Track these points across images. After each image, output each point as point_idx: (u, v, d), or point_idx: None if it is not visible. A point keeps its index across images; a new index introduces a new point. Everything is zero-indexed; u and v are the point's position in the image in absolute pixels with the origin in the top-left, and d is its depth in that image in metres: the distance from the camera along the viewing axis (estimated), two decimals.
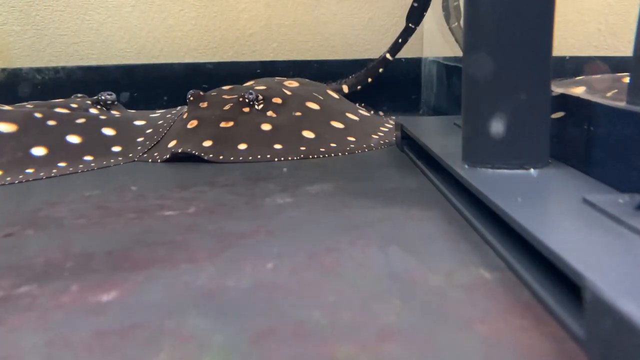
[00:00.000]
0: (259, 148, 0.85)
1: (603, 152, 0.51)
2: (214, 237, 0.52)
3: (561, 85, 0.67)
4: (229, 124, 0.88)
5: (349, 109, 1.03)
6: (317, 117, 0.93)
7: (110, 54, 1.31)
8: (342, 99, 1.08)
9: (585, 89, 0.63)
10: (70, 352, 0.34)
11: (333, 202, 0.62)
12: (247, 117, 0.90)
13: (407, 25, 1.13)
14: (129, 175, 0.77)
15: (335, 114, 0.96)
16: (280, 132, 0.88)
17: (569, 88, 0.64)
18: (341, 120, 0.95)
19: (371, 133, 0.94)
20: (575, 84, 0.67)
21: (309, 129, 0.90)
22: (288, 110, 0.93)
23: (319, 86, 1.10)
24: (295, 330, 0.35)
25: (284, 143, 0.86)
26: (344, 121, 0.95)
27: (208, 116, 0.91)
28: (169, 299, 0.40)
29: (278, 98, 0.95)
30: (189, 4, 1.31)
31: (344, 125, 0.94)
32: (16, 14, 1.29)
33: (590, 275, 0.31)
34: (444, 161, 0.62)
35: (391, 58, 1.17)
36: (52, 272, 0.46)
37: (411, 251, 0.47)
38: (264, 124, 0.89)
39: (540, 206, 0.46)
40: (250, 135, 0.87)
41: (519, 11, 0.54)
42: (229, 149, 0.84)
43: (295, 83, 1.06)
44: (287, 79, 1.09)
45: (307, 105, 0.96)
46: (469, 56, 0.58)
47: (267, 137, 0.87)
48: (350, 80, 1.18)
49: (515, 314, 0.36)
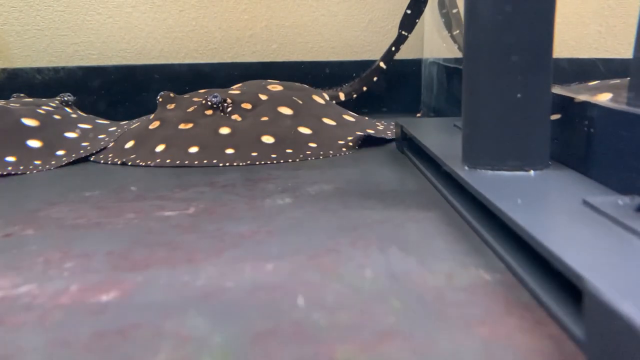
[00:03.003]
0: (210, 152, 0.84)
1: (603, 153, 0.51)
2: (213, 238, 0.52)
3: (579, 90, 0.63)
4: (188, 126, 0.88)
5: (330, 114, 1.00)
6: (284, 122, 0.92)
7: (110, 55, 1.31)
8: (328, 105, 1.05)
9: (612, 96, 0.57)
10: (70, 352, 0.34)
11: (333, 203, 0.62)
12: (208, 120, 0.89)
13: (400, 33, 1.15)
14: (128, 176, 0.77)
15: (307, 119, 0.94)
16: (237, 137, 0.87)
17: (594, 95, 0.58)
18: (311, 125, 0.93)
19: (339, 139, 0.92)
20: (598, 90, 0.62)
21: (271, 134, 0.88)
22: (256, 115, 0.92)
23: (306, 90, 1.07)
24: (295, 331, 0.35)
25: (237, 147, 0.85)
26: (315, 126, 0.93)
27: (170, 118, 0.91)
28: (168, 299, 0.40)
29: (248, 103, 0.94)
30: (190, 5, 1.31)
31: (312, 131, 0.91)
32: (16, 14, 1.29)
33: (589, 277, 0.31)
34: (443, 162, 0.62)
35: (385, 66, 1.18)
36: (52, 272, 0.46)
37: (411, 252, 0.47)
38: (222, 128, 0.88)
39: (540, 208, 0.46)
40: (204, 138, 0.86)
41: (519, 12, 0.54)
42: (180, 152, 0.84)
43: (279, 87, 1.04)
44: (274, 82, 1.07)
45: (278, 110, 0.94)
46: (469, 57, 0.58)
47: (222, 141, 0.86)
48: (346, 89, 1.17)
49: (514, 316, 0.36)
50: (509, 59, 0.54)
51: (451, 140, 0.72)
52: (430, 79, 1.27)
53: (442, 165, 0.63)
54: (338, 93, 1.16)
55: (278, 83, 1.07)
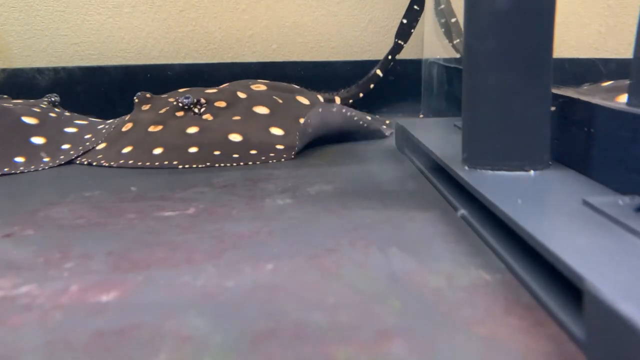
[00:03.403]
0: (173, 152, 0.83)
1: (603, 154, 0.51)
2: (213, 238, 0.52)
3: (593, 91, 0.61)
4: (157, 128, 0.88)
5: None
6: (258, 122, 0.90)
7: (110, 55, 1.31)
8: (313, 105, 1.02)
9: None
10: (70, 352, 0.34)
11: (333, 203, 0.62)
12: (178, 121, 0.89)
13: (396, 42, 1.18)
14: (128, 176, 0.77)
15: (282, 119, 0.93)
16: (204, 135, 0.86)
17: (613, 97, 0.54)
18: (286, 126, 0.91)
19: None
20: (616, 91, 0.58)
21: (239, 132, 0.87)
22: (228, 114, 0.91)
23: (292, 91, 1.05)
24: (295, 331, 0.35)
25: (201, 146, 0.84)
26: (289, 127, 0.91)
27: (142, 120, 0.91)
28: (168, 300, 0.40)
29: (223, 102, 0.93)
30: (190, 5, 1.31)
31: (284, 132, 0.90)
32: (16, 14, 1.29)
33: (590, 277, 0.31)
34: (444, 163, 0.62)
35: (381, 74, 1.19)
36: (52, 272, 0.46)
37: (411, 252, 0.47)
38: (190, 127, 0.87)
39: (540, 208, 0.46)
40: (170, 139, 0.86)
41: (519, 12, 0.54)
42: (144, 154, 0.84)
43: (262, 86, 1.03)
44: (260, 81, 1.06)
45: (253, 109, 0.93)
46: (469, 57, 0.58)
47: (187, 140, 0.85)
48: (343, 94, 1.18)
49: (515, 316, 0.36)
50: (509, 59, 0.54)
51: (451, 140, 0.72)
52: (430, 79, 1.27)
53: (442, 165, 0.63)
54: (334, 97, 1.16)
55: (264, 82, 1.05)
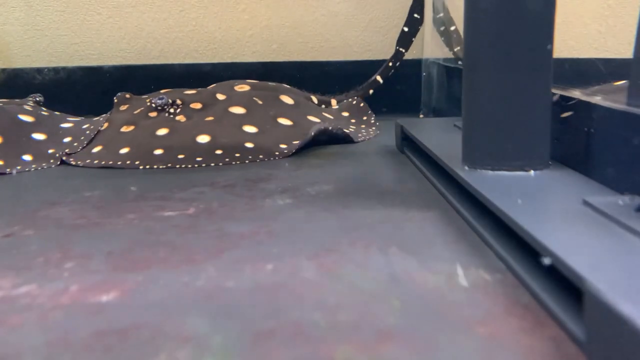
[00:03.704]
0: (138, 153, 0.83)
1: (603, 153, 0.51)
2: (213, 238, 0.52)
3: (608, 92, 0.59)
4: (129, 128, 0.88)
5: (291, 114, 0.97)
6: (230, 122, 0.89)
7: (110, 55, 1.31)
8: (297, 105, 1.01)
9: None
10: (70, 352, 0.34)
11: (333, 203, 0.62)
12: (150, 122, 0.88)
13: (397, 50, 1.19)
14: (128, 176, 0.77)
15: (258, 119, 0.92)
16: (173, 137, 0.85)
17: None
18: (259, 124, 0.90)
19: (280, 142, 0.88)
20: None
21: (208, 133, 0.86)
22: (202, 115, 0.90)
23: (278, 90, 1.04)
24: (295, 331, 0.35)
25: (167, 148, 0.83)
26: (263, 126, 0.90)
27: (116, 119, 0.91)
28: (168, 300, 0.40)
29: (198, 103, 0.92)
30: (190, 5, 1.31)
31: (257, 130, 0.89)
32: (16, 14, 1.29)
33: (590, 277, 0.31)
34: (444, 162, 0.62)
35: (381, 81, 1.20)
36: (52, 272, 0.46)
37: (411, 252, 0.47)
38: (160, 129, 0.87)
39: (540, 208, 0.46)
40: (138, 140, 0.85)
41: (520, 12, 0.54)
42: (110, 153, 0.84)
43: (246, 87, 1.02)
44: (248, 82, 1.05)
45: (229, 109, 0.92)
46: (469, 57, 0.58)
47: (154, 142, 0.84)
48: (341, 98, 1.17)
49: (515, 316, 0.36)
50: (509, 59, 0.54)
51: (451, 140, 0.72)
52: (430, 79, 1.27)
53: (442, 165, 0.63)
54: (330, 99, 1.15)
55: (249, 83, 1.04)
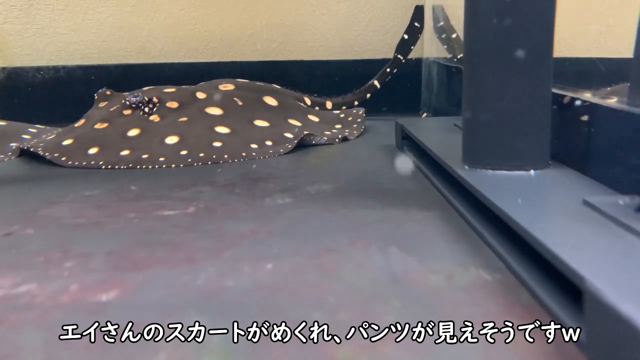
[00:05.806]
0: (105, 154, 0.82)
1: (603, 153, 0.51)
2: (213, 237, 0.52)
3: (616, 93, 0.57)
4: (103, 125, 0.88)
5: (270, 116, 0.96)
6: (204, 122, 0.89)
7: (110, 54, 1.31)
8: (281, 106, 1.00)
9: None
10: (70, 352, 0.34)
11: (333, 202, 0.62)
12: (123, 120, 0.88)
13: (396, 56, 1.20)
14: (128, 175, 0.77)
15: (233, 120, 0.91)
16: (142, 138, 0.85)
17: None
18: (234, 126, 0.89)
19: (251, 142, 0.87)
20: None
21: (177, 134, 0.85)
22: (177, 115, 0.89)
23: (263, 91, 1.03)
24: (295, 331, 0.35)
25: (133, 149, 0.83)
26: (237, 126, 0.90)
27: (93, 115, 0.91)
28: (168, 299, 0.40)
29: (175, 102, 0.91)
30: (190, 4, 1.31)
31: (230, 130, 0.88)
32: (16, 12, 1.29)
33: (590, 277, 0.31)
34: (444, 162, 0.62)
35: (379, 86, 1.20)
36: (52, 271, 0.46)
37: (411, 252, 0.47)
38: (132, 130, 0.86)
39: (540, 207, 0.46)
40: (107, 139, 0.85)
41: (520, 12, 0.54)
42: (78, 152, 0.83)
43: (230, 86, 1.01)
44: (234, 81, 1.05)
45: (205, 110, 0.92)
46: (469, 57, 0.58)
47: (121, 142, 0.84)
48: (336, 99, 1.17)
49: (514, 316, 0.36)
50: (509, 58, 0.54)
51: (451, 140, 0.71)
52: (430, 78, 1.27)
53: (442, 164, 0.63)
54: (325, 101, 1.15)
55: (234, 82, 1.03)
